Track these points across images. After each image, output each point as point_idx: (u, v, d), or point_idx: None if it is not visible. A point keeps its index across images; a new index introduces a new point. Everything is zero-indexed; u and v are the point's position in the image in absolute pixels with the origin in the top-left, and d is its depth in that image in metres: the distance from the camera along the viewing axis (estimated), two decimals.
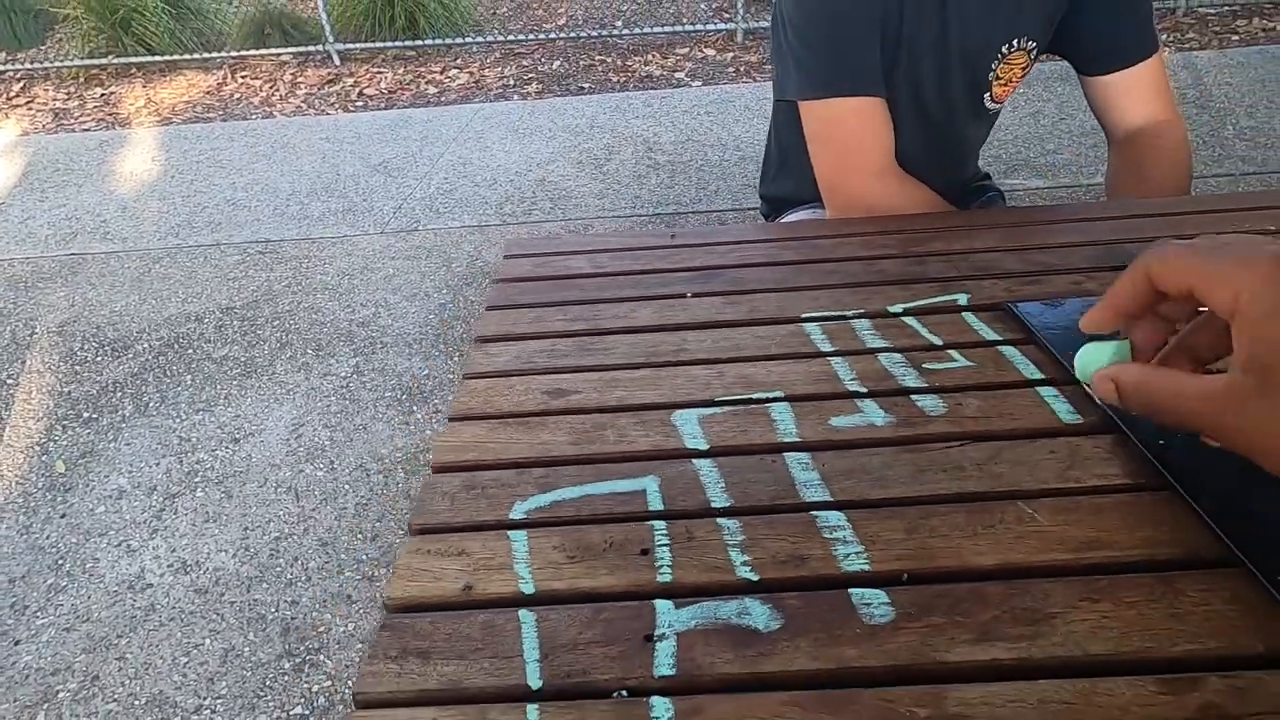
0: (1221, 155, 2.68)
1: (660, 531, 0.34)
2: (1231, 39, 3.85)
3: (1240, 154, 2.68)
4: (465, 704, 0.28)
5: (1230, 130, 2.84)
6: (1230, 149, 2.72)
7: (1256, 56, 3.57)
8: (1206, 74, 3.39)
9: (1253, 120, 2.90)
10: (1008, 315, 0.48)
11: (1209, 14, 4.11)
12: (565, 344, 0.49)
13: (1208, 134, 2.81)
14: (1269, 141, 2.74)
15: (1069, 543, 0.32)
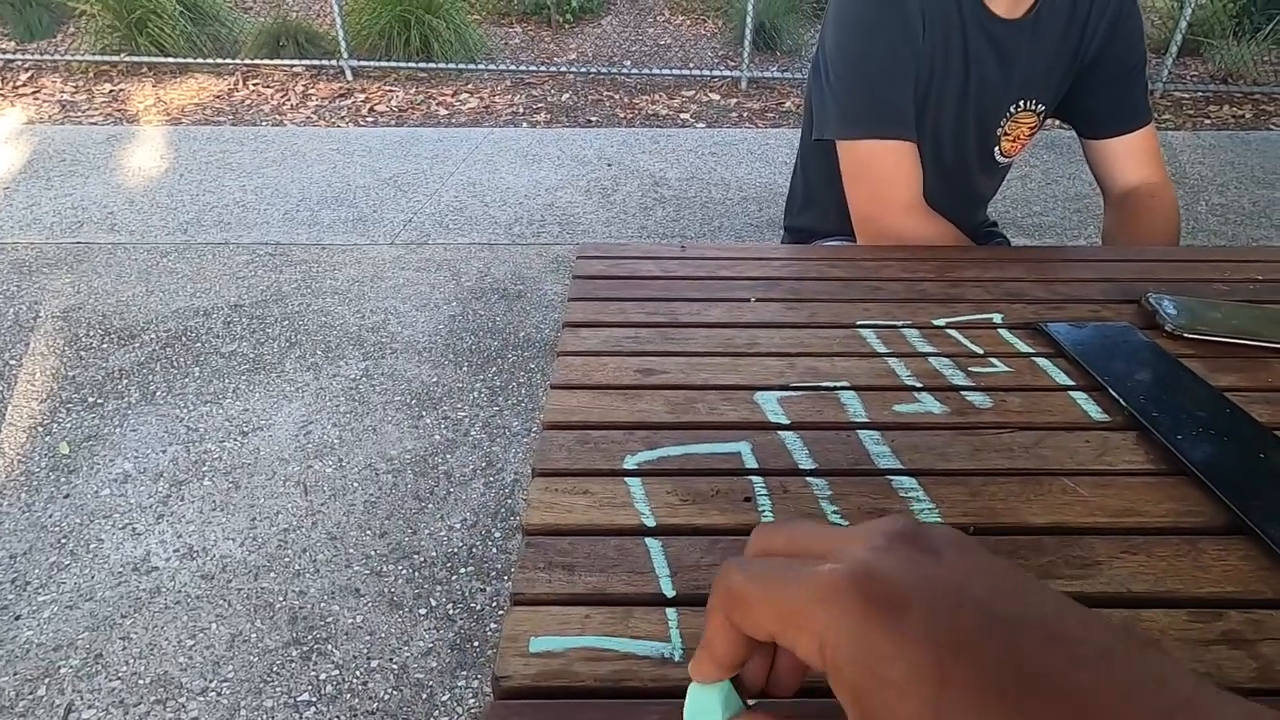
0: (1195, 229, 2.85)
1: (759, 485, 0.40)
2: (1204, 122, 4.11)
3: (1211, 228, 2.85)
4: (612, 605, 0.32)
5: (1203, 206, 3.02)
6: (1203, 223, 2.89)
7: (1227, 140, 3.80)
8: (1181, 153, 3.61)
9: (1223, 198, 3.10)
10: (1039, 333, 0.55)
11: (1184, 98, 4.39)
12: (647, 332, 0.55)
13: (1182, 208, 2.95)
14: (1237, 218, 2.93)
15: (1107, 510, 0.38)
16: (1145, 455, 0.42)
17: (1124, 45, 0.85)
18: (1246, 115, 4.23)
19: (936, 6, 0.78)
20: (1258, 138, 3.86)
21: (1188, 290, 0.62)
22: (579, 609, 0.32)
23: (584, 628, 0.31)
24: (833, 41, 0.82)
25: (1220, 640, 0.31)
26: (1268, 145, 3.72)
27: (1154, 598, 0.33)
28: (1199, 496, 0.39)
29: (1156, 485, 0.40)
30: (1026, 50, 0.82)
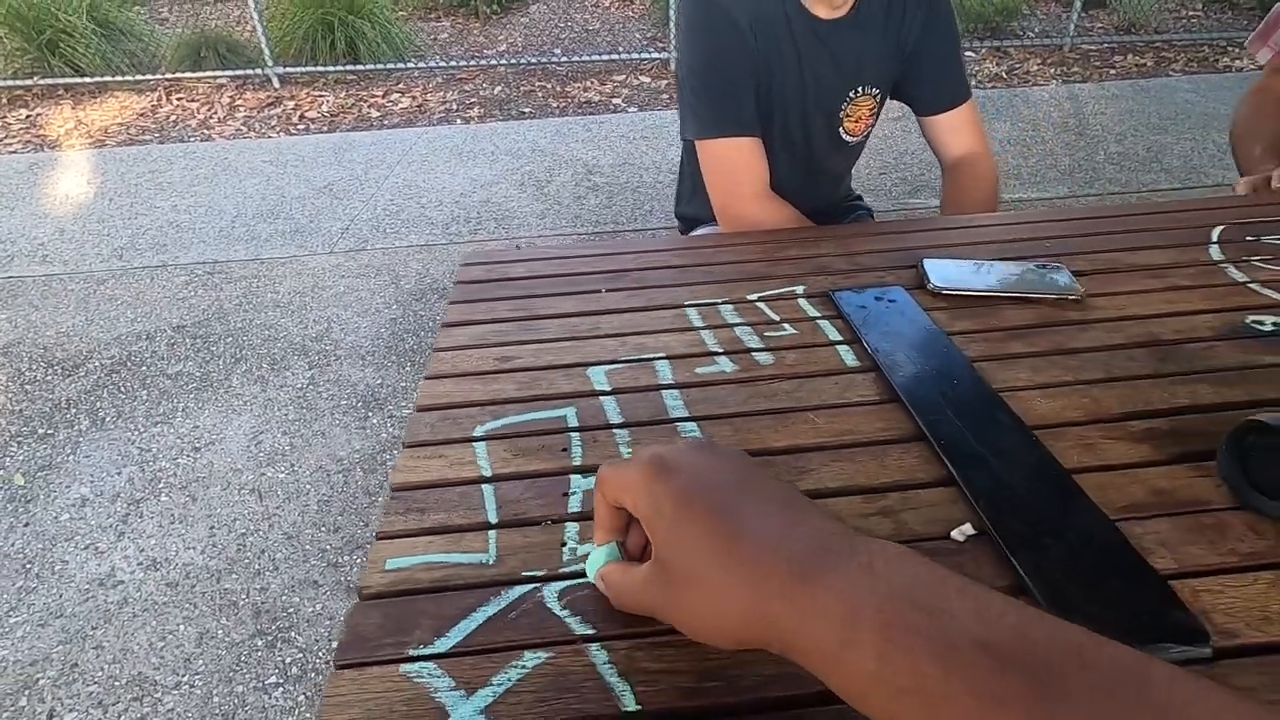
0: (1093, 178, 3.04)
1: (575, 438, 0.52)
2: (1110, 73, 4.33)
3: (1109, 176, 3.05)
4: (449, 533, 0.44)
5: (1101, 156, 3.22)
6: (1100, 172, 3.09)
7: (1129, 90, 4.02)
8: (1085, 104, 3.81)
9: (1121, 146, 3.30)
10: (828, 300, 0.68)
11: (1090, 51, 4.60)
12: (509, 326, 0.66)
13: (1083, 159, 3.20)
14: (1132, 165, 3.13)
15: (832, 432, 0.51)
16: (875, 390, 0.55)
17: (937, 37, 0.98)
18: (1149, 64, 4.46)
19: (763, 17, 0.90)
20: (1157, 84, 4.08)
21: (960, 253, 0.75)
22: (424, 538, 0.44)
23: (426, 550, 0.43)
24: (680, 54, 0.94)
25: (877, 513, 0.44)
26: (1165, 92, 3.94)
27: (843, 490, 0.46)
28: (902, 417, 0.52)
29: (875, 412, 0.53)
30: (852, 45, 0.94)
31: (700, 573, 0.30)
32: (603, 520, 0.37)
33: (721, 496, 0.31)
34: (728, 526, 0.30)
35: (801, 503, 0.31)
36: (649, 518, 0.32)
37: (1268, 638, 0.36)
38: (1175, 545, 0.41)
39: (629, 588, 0.35)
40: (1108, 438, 0.49)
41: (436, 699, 0.35)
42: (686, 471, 0.32)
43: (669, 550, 0.31)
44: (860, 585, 0.26)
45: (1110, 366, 0.57)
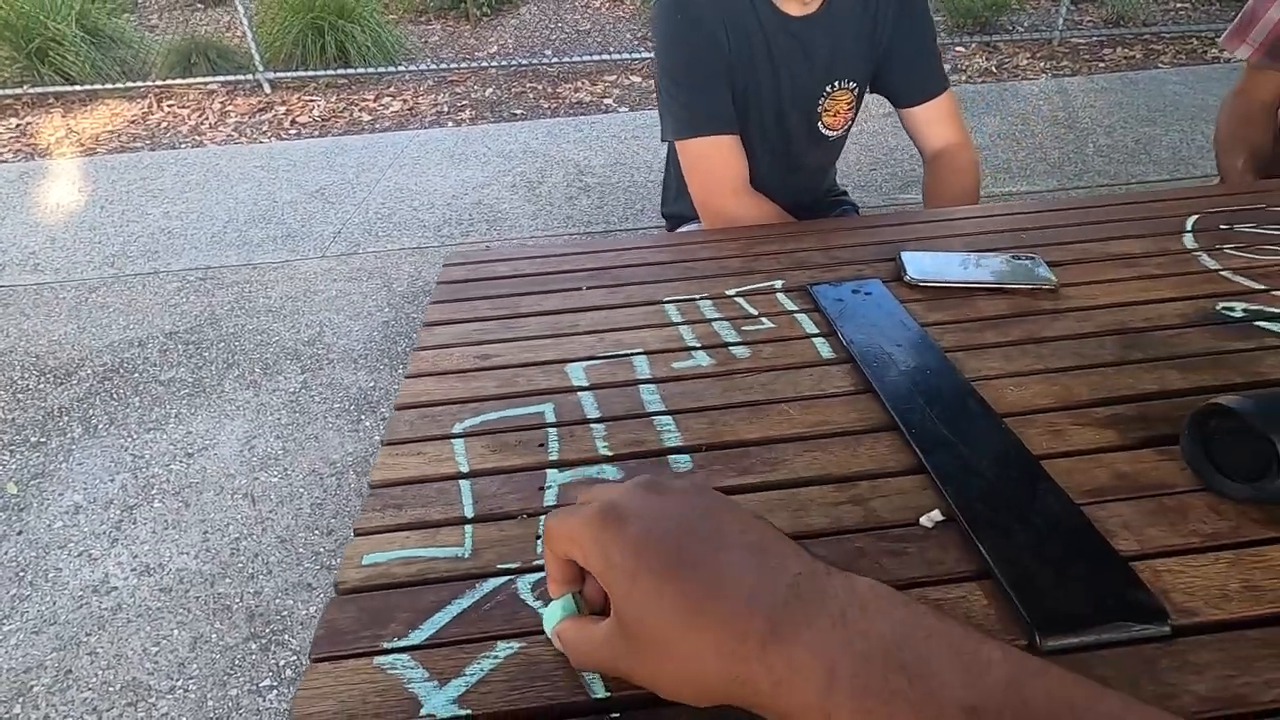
0: (1082, 170, 3.06)
1: (552, 433, 0.52)
2: (1099, 66, 4.34)
3: (1097, 169, 3.06)
4: (425, 528, 0.45)
5: (1090, 148, 3.24)
6: (1090, 164, 3.10)
7: (1118, 82, 4.03)
8: (1075, 98, 3.82)
9: (1110, 139, 3.31)
10: (806, 294, 0.68)
11: (1080, 44, 4.62)
12: (491, 324, 0.67)
13: (1072, 151, 3.21)
14: (1120, 157, 3.14)
15: (806, 424, 0.52)
16: (850, 381, 0.56)
17: (912, 29, 0.99)
18: (1137, 56, 4.47)
19: (735, 17, 0.91)
20: (1145, 77, 4.09)
21: (939, 245, 0.76)
22: (401, 533, 0.45)
23: (403, 545, 0.44)
24: (656, 58, 0.94)
25: (847, 501, 0.45)
26: (1153, 84, 3.96)
27: (814, 479, 0.47)
28: (875, 407, 0.53)
29: (849, 402, 0.54)
30: (825, 40, 0.95)
31: (665, 633, 0.27)
32: (554, 573, 0.34)
33: (681, 545, 0.28)
34: (692, 582, 0.27)
35: (768, 540, 0.29)
36: (601, 571, 0.30)
37: (1225, 615, 0.37)
38: (1139, 527, 0.42)
39: (586, 647, 0.32)
40: (1075, 424, 0.50)
41: (410, 689, 0.35)
42: (640, 518, 0.30)
43: (629, 607, 0.29)
44: (835, 642, 0.24)
45: (1081, 354, 0.57)
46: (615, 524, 0.30)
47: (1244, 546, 0.40)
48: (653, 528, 0.29)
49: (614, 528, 0.30)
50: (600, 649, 0.31)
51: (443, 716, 0.34)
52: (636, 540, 0.29)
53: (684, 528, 0.29)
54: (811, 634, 0.25)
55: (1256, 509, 0.42)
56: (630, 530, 0.29)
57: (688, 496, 0.31)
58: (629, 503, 0.31)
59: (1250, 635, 0.35)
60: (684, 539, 0.29)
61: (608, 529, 0.30)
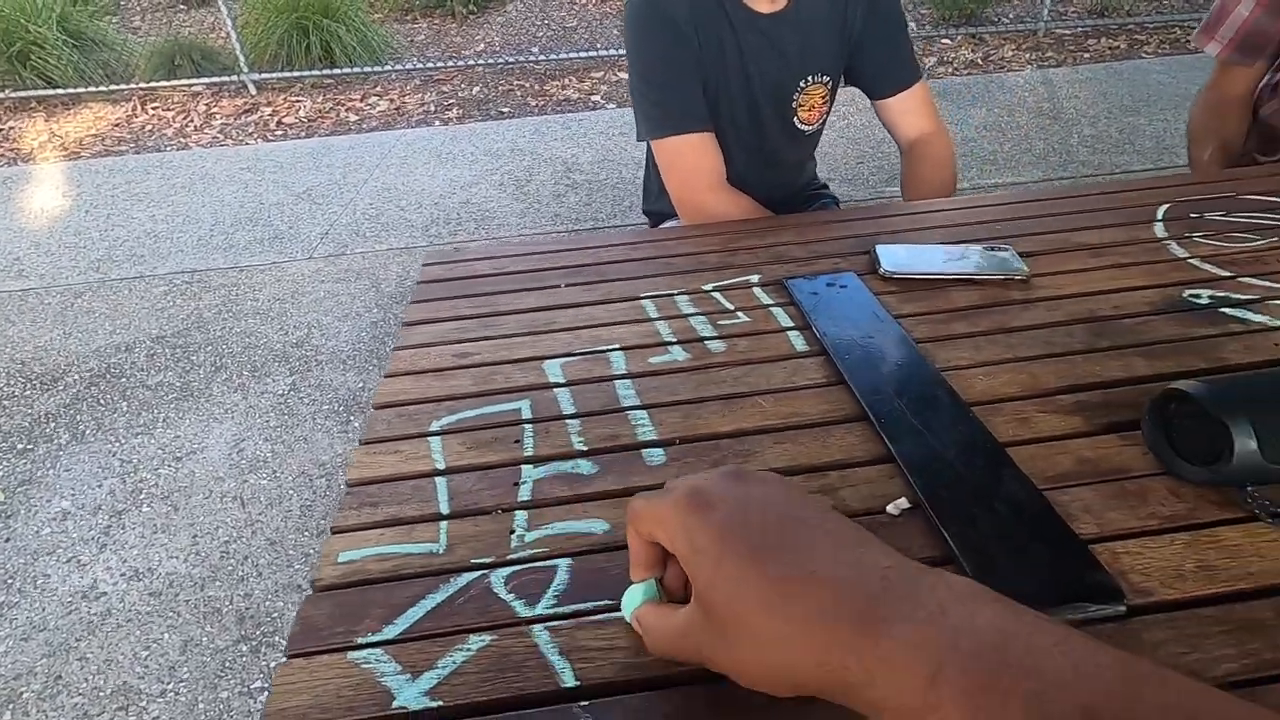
0: (1066, 161, 3.07)
1: (528, 430, 0.53)
2: (1084, 56, 4.36)
3: (1081, 159, 3.08)
4: (401, 525, 0.45)
5: (1075, 139, 3.25)
6: (1074, 155, 3.12)
7: (1103, 73, 4.05)
8: (1060, 89, 3.84)
9: (1094, 129, 3.33)
10: (782, 288, 0.69)
11: (1065, 35, 4.64)
12: (470, 322, 0.67)
13: (1057, 142, 3.23)
14: (1105, 148, 3.16)
15: (779, 415, 0.52)
16: (822, 374, 0.57)
17: (882, 21, 1.00)
18: (1122, 46, 4.49)
19: (704, 16, 0.91)
20: (1129, 67, 4.11)
21: (914, 238, 0.77)
22: (376, 530, 0.45)
23: (378, 542, 0.44)
24: (629, 58, 0.95)
25: (816, 490, 0.45)
26: (1137, 74, 3.98)
27: (786, 470, 0.47)
28: (846, 398, 0.53)
29: (821, 394, 0.54)
30: (795, 36, 0.96)
31: (752, 619, 0.27)
32: (637, 556, 0.34)
33: (766, 531, 0.29)
34: (778, 567, 0.27)
35: (851, 531, 0.29)
36: (687, 556, 0.30)
37: (1179, 594, 0.37)
38: (1099, 511, 0.43)
39: (668, 633, 0.32)
40: (1042, 411, 0.51)
41: (383, 683, 0.36)
42: (726, 504, 0.30)
43: (713, 593, 0.29)
44: (937, 637, 0.24)
45: (1050, 343, 0.58)
46: (701, 508, 0.30)
47: (1200, 528, 0.41)
48: (737, 513, 0.30)
49: (699, 512, 0.30)
50: (681, 636, 0.31)
51: (414, 708, 0.35)
52: (722, 525, 0.29)
53: (769, 514, 0.30)
54: (910, 628, 0.24)
55: (1213, 491, 0.43)
56: (715, 515, 0.30)
57: (772, 485, 0.32)
58: (714, 489, 0.31)
59: (1202, 613, 0.36)
60: (769, 525, 0.29)
61: (693, 513, 0.30)
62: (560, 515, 0.45)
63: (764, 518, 0.29)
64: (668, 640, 0.32)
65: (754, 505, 0.30)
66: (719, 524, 0.29)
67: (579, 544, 0.43)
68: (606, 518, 0.45)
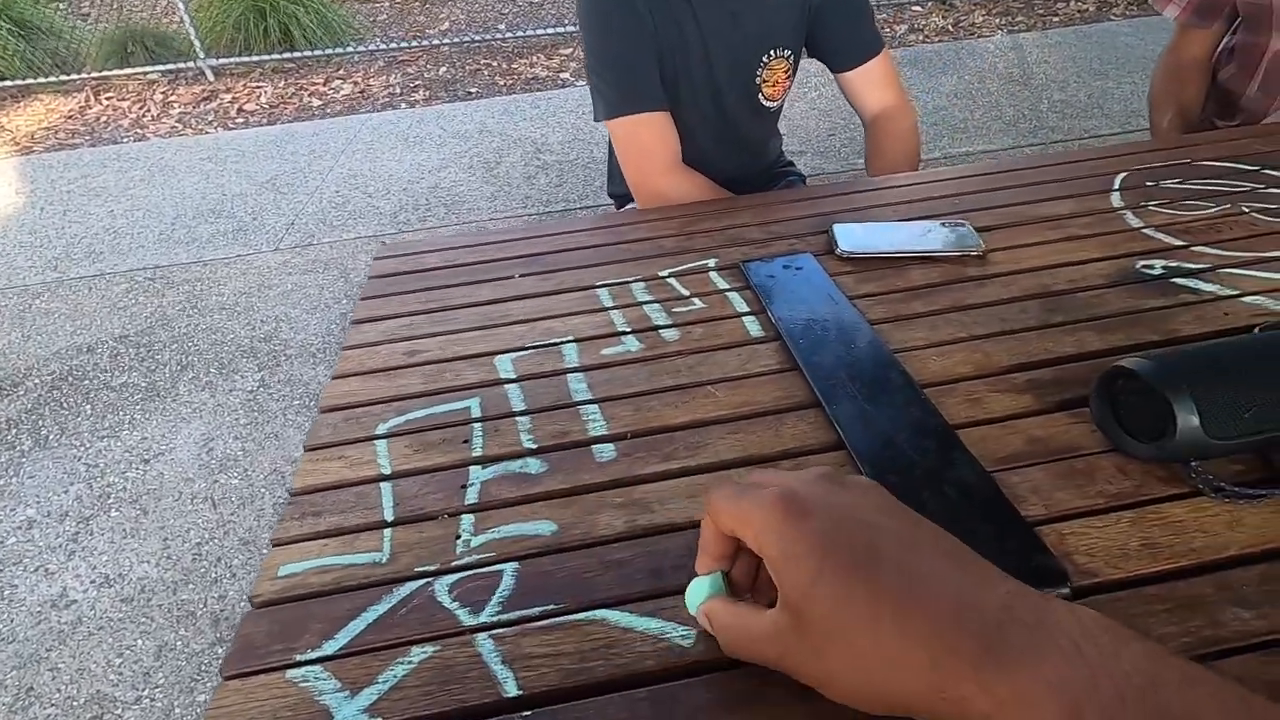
0: (1036, 127, 3.07)
1: (477, 429, 0.52)
2: (1053, 20, 4.35)
3: (1051, 125, 3.08)
4: (343, 535, 0.44)
5: (1045, 105, 3.25)
6: (1044, 121, 3.12)
7: (1071, 36, 4.04)
8: (1029, 53, 3.83)
9: (1063, 94, 3.33)
10: (739, 272, 0.68)
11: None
12: (420, 319, 0.66)
13: (1026, 109, 3.22)
14: (1074, 112, 3.16)
15: (731, 404, 0.52)
16: (776, 360, 0.56)
17: None
18: (1090, 9, 4.48)
19: None
20: (1098, 30, 4.11)
21: (874, 215, 0.76)
22: (319, 541, 0.44)
23: (320, 553, 0.43)
24: (583, 40, 0.93)
25: None
26: (1106, 36, 3.97)
27: (738, 461, 0.47)
28: (800, 384, 0.53)
29: (775, 380, 0.54)
30: (754, 12, 0.94)
31: (857, 636, 0.26)
32: (709, 547, 0.33)
33: (872, 544, 0.28)
34: (889, 585, 0.26)
35: (964, 551, 0.28)
36: (779, 561, 0.28)
37: (1124, 573, 0.37)
38: (1047, 492, 0.42)
39: (750, 636, 0.31)
40: (994, 391, 0.50)
41: (321, 701, 0.35)
42: (826, 512, 0.29)
43: (811, 604, 0.27)
44: (1074, 677, 0.22)
45: (1003, 320, 0.58)
46: (797, 514, 0.29)
47: (1145, 505, 0.41)
48: (841, 523, 0.28)
49: (796, 518, 0.29)
50: (766, 641, 0.30)
51: None
52: (822, 535, 0.28)
53: (874, 526, 0.28)
54: (1044, 664, 0.23)
55: (1160, 468, 0.43)
56: (814, 523, 0.28)
57: (872, 494, 0.30)
58: (810, 494, 0.30)
59: (1146, 592, 0.36)
60: (876, 538, 0.28)
61: (789, 519, 0.29)
62: (508, 518, 0.44)
63: (869, 530, 0.28)
64: (748, 642, 0.31)
65: (855, 515, 0.29)
66: (818, 533, 0.28)
67: (526, 546, 0.42)
68: (555, 518, 0.44)
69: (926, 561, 0.27)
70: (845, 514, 0.29)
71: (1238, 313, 0.56)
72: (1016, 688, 0.23)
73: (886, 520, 0.29)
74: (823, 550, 0.27)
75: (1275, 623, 0.35)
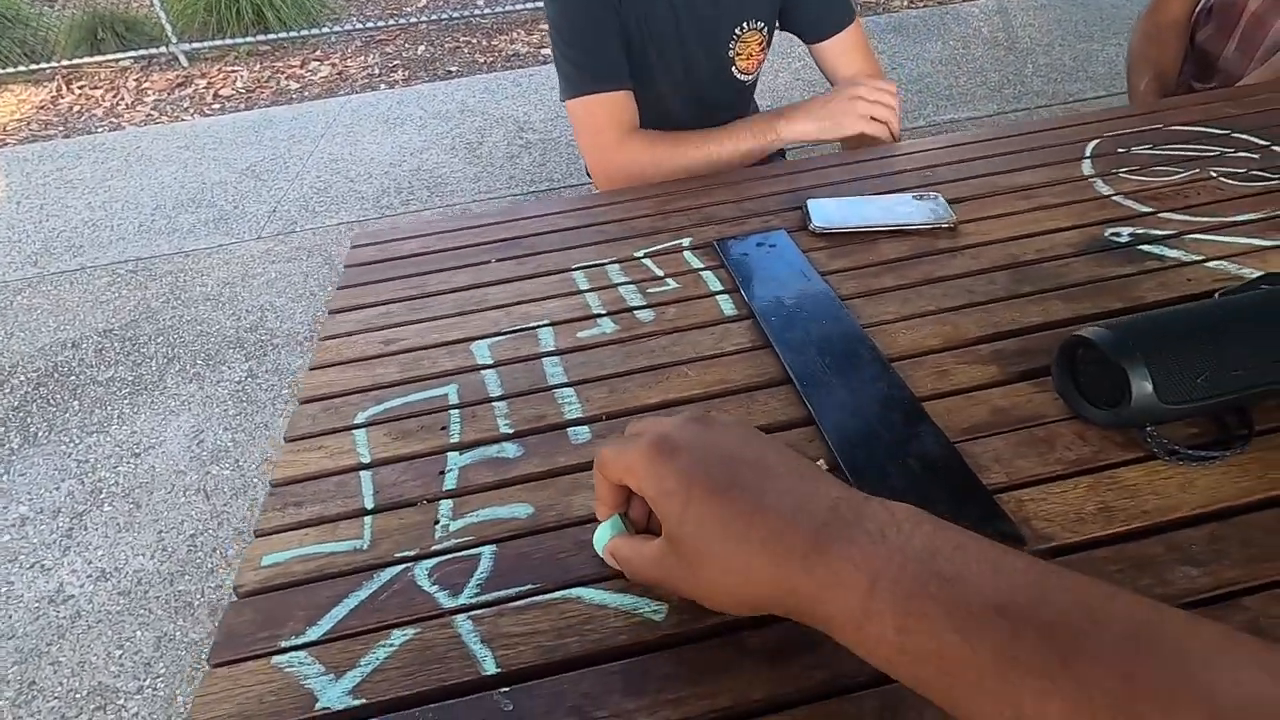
0: (1021, 92, 3.06)
1: (454, 415, 0.52)
2: None
3: (1036, 89, 3.07)
4: (324, 524, 0.45)
5: (1029, 69, 3.23)
6: (1029, 85, 3.10)
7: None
8: (1015, 17, 3.79)
9: (1049, 57, 3.31)
10: (713, 250, 0.68)
11: None
12: (397, 307, 0.66)
13: (1011, 73, 3.20)
14: (1059, 76, 3.14)
15: (705, 383, 0.52)
16: (749, 338, 0.57)
17: None
18: None
19: None
20: None
21: (848, 189, 0.76)
22: (300, 531, 0.45)
23: (302, 542, 0.44)
24: (548, 19, 0.91)
25: None
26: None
27: None
28: (772, 362, 0.54)
29: (748, 358, 0.54)
30: None
31: (716, 549, 0.30)
32: (605, 497, 0.38)
33: (729, 471, 0.32)
34: (740, 502, 0.30)
35: (806, 468, 0.32)
36: (655, 497, 0.33)
37: (1078, 537, 0.39)
38: (1009, 460, 0.44)
39: (643, 563, 0.35)
40: (960, 362, 0.51)
41: (306, 685, 0.36)
42: (690, 448, 0.33)
43: (681, 528, 0.32)
44: (876, 555, 0.27)
45: (972, 291, 0.59)
46: (668, 454, 0.33)
47: (1102, 470, 0.42)
48: (702, 456, 0.32)
49: (666, 457, 0.33)
50: (654, 565, 0.34)
51: (337, 709, 0.35)
52: (688, 468, 0.32)
53: (730, 456, 0.32)
54: (853, 548, 0.27)
55: (1118, 433, 0.44)
56: (681, 460, 0.32)
57: (733, 429, 0.34)
58: (679, 435, 0.34)
59: (1098, 554, 0.38)
60: (731, 466, 0.32)
61: (660, 458, 0.33)
62: (485, 501, 0.45)
63: (725, 459, 0.32)
64: (642, 568, 0.35)
65: (715, 448, 0.33)
66: (685, 469, 0.32)
67: (503, 529, 0.43)
68: (531, 501, 0.45)
69: (772, 481, 0.31)
70: (708, 450, 0.33)
71: (1200, 278, 0.57)
72: (831, 569, 0.27)
73: (743, 450, 0.33)
74: (689, 483, 0.32)
75: (1221, 579, 0.36)
